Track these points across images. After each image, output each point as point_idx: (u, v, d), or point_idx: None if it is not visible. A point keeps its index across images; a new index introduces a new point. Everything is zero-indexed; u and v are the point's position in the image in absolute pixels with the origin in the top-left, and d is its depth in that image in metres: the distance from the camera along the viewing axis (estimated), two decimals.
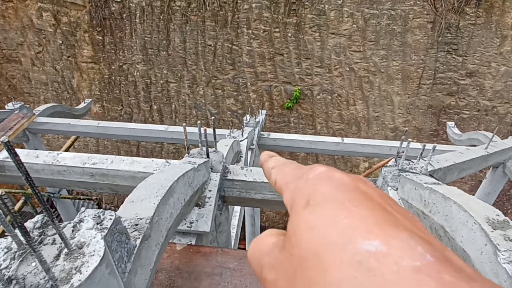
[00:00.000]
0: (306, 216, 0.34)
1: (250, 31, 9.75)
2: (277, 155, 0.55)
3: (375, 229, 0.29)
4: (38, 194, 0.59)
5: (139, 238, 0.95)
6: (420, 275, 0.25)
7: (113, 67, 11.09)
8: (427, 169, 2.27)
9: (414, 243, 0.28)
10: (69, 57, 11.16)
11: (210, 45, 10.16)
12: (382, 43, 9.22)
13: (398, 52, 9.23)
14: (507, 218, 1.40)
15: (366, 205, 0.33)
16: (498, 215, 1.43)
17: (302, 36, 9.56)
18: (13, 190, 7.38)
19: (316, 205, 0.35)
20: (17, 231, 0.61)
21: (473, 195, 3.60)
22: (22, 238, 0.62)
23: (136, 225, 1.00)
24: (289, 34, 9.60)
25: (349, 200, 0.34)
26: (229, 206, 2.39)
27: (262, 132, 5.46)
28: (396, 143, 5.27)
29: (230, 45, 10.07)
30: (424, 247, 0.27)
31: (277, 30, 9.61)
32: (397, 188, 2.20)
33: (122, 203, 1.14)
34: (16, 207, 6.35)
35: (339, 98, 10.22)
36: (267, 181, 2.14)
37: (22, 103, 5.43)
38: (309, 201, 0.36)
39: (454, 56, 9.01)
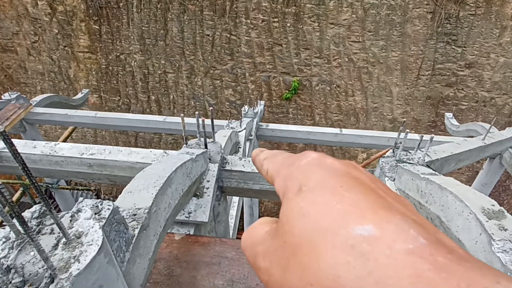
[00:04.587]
0: (299, 202, 0.34)
1: (248, 21, 9.65)
2: (267, 150, 0.54)
3: (367, 214, 0.29)
4: (35, 184, 0.59)
5: (137, 228, 0.95)
6: (413, 258, 0.25)
7: (110, 57, 10.98)
8: (424, 160, 2.28)
9: (407, 226, 0.28)
10: (65, 46, 11.03)
11: (208, 35, 10.06)
12: (381, 34, 9.14)
13: (398, 43, 9.17)
14: (502, 208, 1.41)
15: (358, 189, 0.33)
16: (494, 205, 1.44)
17: (301, 26, 9.47)
18: (11, 181, 7.38)
19: (308, 191, 0.35)
20: (15, 221, 0.61)
21: (470, 185, 3.62)
22: (20, 228, 0.62)
23: (135, 215, 1.01)
24: (288, 24, 9.51)
25: (341, 185, 0.34)
26: (227, 197, 2.40)
27: (260, 123, 5.46)
28: (394, 134, 5.28)
29: (228, 35, 9.97)
30: (416, 230, 0.27)
31: (276, 20, 9.51)
32: (394, 179, 2.21)
33: (120, 194, 1.14)
34: (15, 198, 6.35)
35: (338, 89, 10.19)
36: None
37: (19, 93, 5.38)
38: (301, 188, 0.36)
39: (453, 47, 8.96)
